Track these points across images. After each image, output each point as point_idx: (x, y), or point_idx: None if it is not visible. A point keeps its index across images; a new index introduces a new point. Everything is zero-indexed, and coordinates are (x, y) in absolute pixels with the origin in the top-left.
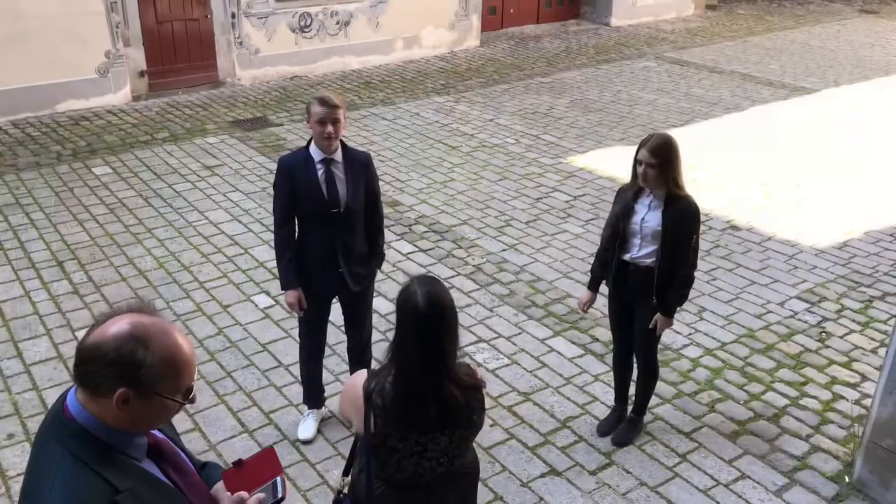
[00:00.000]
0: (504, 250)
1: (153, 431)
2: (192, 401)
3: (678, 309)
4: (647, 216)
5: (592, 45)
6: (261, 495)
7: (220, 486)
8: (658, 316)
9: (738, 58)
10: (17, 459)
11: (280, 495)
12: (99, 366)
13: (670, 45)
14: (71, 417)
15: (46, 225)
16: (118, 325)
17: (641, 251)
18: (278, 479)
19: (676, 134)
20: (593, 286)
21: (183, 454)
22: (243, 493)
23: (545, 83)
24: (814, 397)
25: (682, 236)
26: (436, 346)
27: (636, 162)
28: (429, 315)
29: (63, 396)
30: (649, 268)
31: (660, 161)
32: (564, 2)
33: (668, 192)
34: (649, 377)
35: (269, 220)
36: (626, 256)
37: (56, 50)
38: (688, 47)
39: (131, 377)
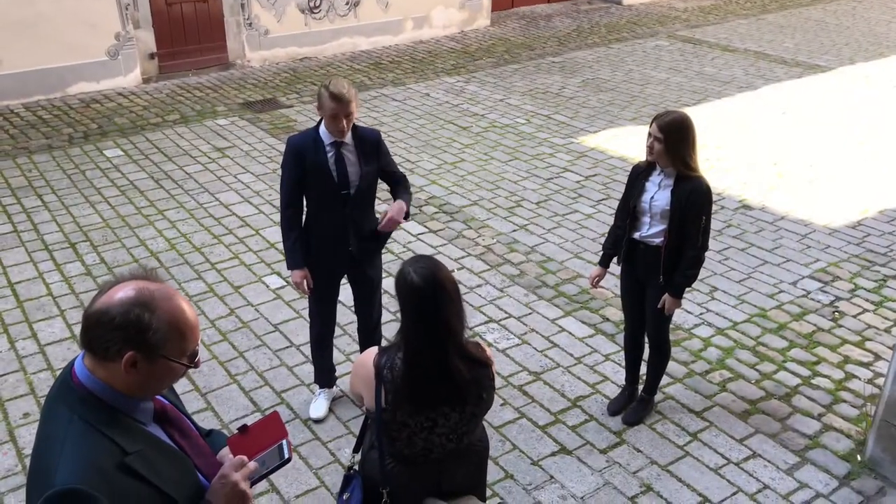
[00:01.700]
0: (515, 231)
1: (159, 397)
2: (196, 364)
3: (689, 289)
4: (657, 195)
5: (604, 24)
6: (254, 465)
7: (225, 451)
8: (666, 296)
9: (751, 36)
10: (33, 437)
11: (287, 456)
12: (106, 330)
13: (683, 23)
14: (79, 383)
15: (59, 207)
16: (124, 291)
17: (651, 230)
18: (283, 441)
19: (690, 113)
20: (604, 262)
21: (187, 420)
22: (243, 457)
23: (556, 63)
24: (826, 376)
25: (692, 217)
26: (438, 320)
27: (648, 135)
28: (426, 291)
29: (71, 363)
30: (658, 247)
31: (667, 137)
32: None
33: (679, 171)
34: (661, 357)
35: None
36: (636, 235)
37: (66, 33)
38: (700, 25)
39: (138, 340)
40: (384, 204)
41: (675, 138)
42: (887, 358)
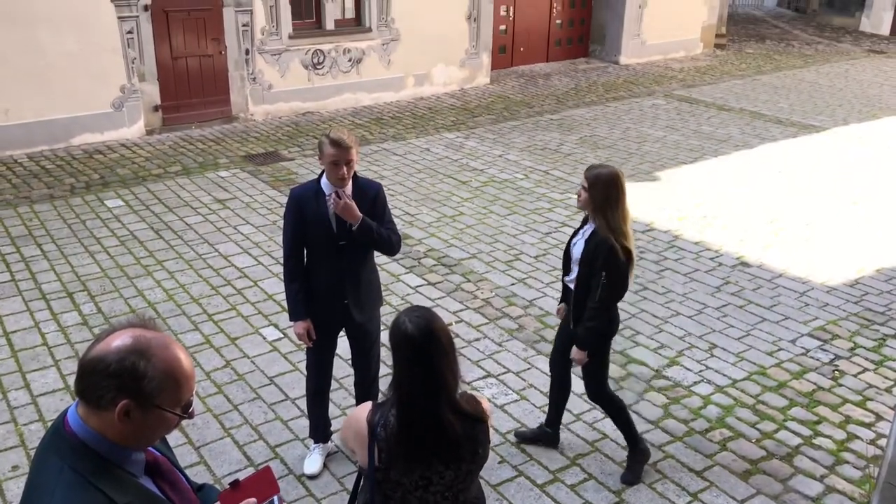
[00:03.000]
0: (513, 284)
1: (151, 449)
2: (190, 415)
3: (688, 346)
4: (578, 242)
5: (602, 83)
6: None
7: None
8: (574, 347)
9: (746, 96)
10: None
11: None
12: (101, 377)
13: (679, 83)
14: (71, 432)
15: (58, 256)
16: (121, 339)
17: (573, 275)
18: (275, 497)
19: (686, 170)
20: (564, 297)
21: (179, 473)
22: None
23: (554, 120)
24: (828, 437)
25: (594, 270)
26: (431, 371)
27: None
28: (420, 341)
29: (64, 412)
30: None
31: (590, 188)
32: (574, 40)
33: (598, 224)
34: (611, 411)
35: (279, 253)
36: (566, 278)
37: (73, 85)
38: (697, 85)
39: (133, 389)
40: (382, 257)
41: (597, 190)
42: (889, 418)
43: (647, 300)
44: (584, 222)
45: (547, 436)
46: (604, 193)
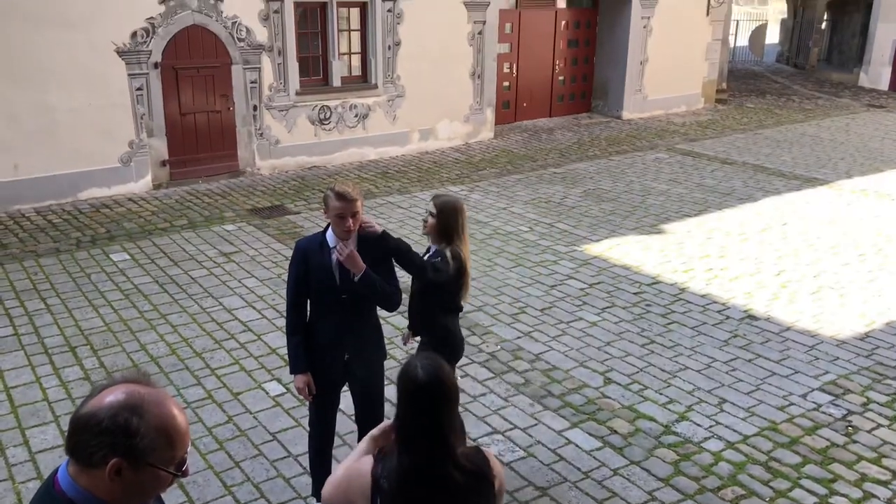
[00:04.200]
0: (519, 338)
1: None
2: (184, 473)
3: (697, 400)
4: None
5: (604, 138)
6: None
7: None
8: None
9: (749, 150)
10: None
11: None
12: (92, 434)
13: (681, 137)
14: (61, 491)
15: (62, 310)
16: (114, 395)
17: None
18: None
19: (691, 223)
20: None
21: None
22: None
23: (558, 173)
24: (844, 495)
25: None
26: (435, 420)
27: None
28: (428, 388)
29: (55, 470)
30: None
31: (438, 214)
32: (576, 96)
33: (441, 248)
34: None
35: (283, 307)
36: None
37: (82, 140)
38: (699, 139)
39: (124, 446)
40: (383, 311)
41: (444, 218)
42: None
43: (654, 354)
44: (427, 251)
45: None
46: (449, 220)
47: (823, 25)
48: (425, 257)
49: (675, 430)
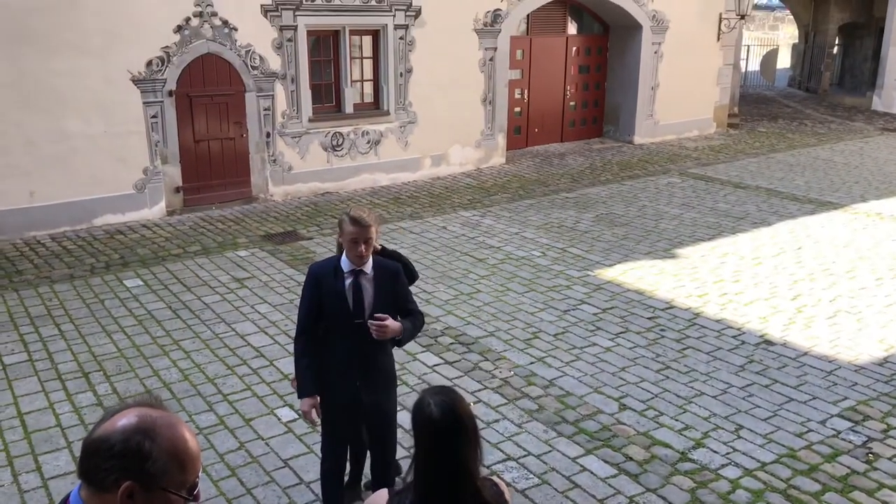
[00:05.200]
0: (532, 363)
1: None
2: (196, 498)
3: (714, 426)
4: None
5: (616, 162)
6: None
7: None
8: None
9: (762, 174)
10: None
11: None
12: (104, 458)
13: (694, 161)
14: None
15: (75, 336)
16: (126, 418)
17: None
18: None
19: (704, 248)
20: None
21: None
22: None
23: (570, 198)
24: None
25: None
26: (454, 459)
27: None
28: (444, 425)
29: (67, 495)
30: None
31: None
32: (588, 121)
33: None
34: None
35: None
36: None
37: (97, 167)
38: (711, 164)
39: (137, 470)
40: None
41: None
42: None
43: (669, 379)
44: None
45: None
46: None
47: (835, 50)
48: None
49: (691, 457)
